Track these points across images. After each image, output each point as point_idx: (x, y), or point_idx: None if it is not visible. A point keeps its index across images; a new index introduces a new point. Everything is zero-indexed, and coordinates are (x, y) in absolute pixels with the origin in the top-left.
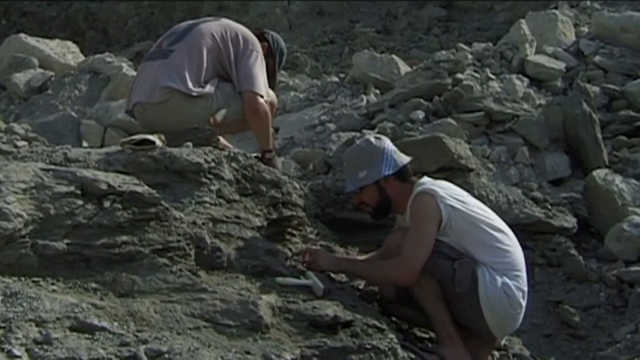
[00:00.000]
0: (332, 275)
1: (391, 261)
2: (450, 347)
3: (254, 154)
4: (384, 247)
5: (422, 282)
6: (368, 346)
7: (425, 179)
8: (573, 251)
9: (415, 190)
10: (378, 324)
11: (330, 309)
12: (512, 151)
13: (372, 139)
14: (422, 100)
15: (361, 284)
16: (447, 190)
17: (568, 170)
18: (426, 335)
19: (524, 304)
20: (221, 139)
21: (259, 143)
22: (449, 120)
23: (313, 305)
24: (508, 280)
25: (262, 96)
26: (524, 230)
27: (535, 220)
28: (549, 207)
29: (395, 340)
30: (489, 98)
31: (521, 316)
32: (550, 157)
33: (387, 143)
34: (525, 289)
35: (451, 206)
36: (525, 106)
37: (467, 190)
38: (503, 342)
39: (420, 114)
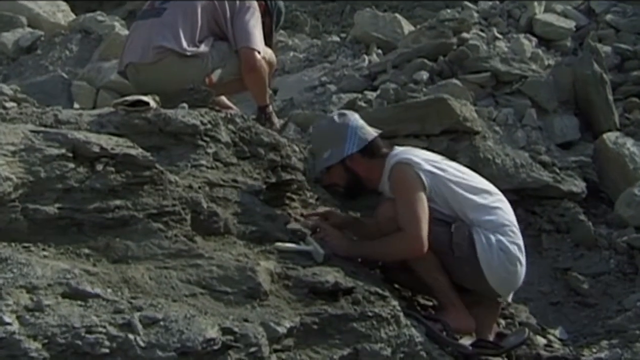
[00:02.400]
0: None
1: (397, 239)
2: (454, 314)
3: (253, 116)
4: (376, 218)
5: (420, 255)
6: (370, 314)
7: (397, 149)
8: (582, 217)
9: (390, 162)
10: (380, 291)
11: (331, 276)
12: (519, 113)
13: (335, 117)
14: (426, 61)
15: None
16: (422, 157)
17: (577, 133)
18: (430, 303)
19: (522, 258)
20: (223, 98)
21: (256, 99)
22: (454, 81)
23: (313, 272)
24: (501, 237)
25: (259, 52)
26: (531, 195)
27: (543, 185)
28: (558, 171)
29: (398, 308)
30: (495, 58)
31: (522, 270)
32: (559, 120)
33: (351, 119)
34: (520, 242)
35: (430, 172)
36: (534, 67)
37: (473, 154)
38: (509, 298)
39: (424, 75)
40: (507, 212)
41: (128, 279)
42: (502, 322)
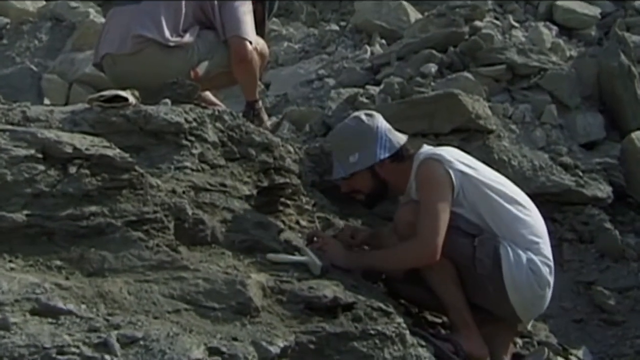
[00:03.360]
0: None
1: (407, 244)
2: (467, 336)
3: (242, 112)
4: (394, 224)
5: (434, 264)
6: (372, 332)
7: (426, 147)
8: (608, 224)
9: (418, 159)
10: (384, 307)
11: (329, 290)
12: (538, 110)
13: (363, 117)
14: (434, 52)
15: None
16: (454, 155)
17: (602, 132)
18: (439, 320)
19: (551, 281)
20: (209, 94)
21: (245, 93)
22: (466, 74)
23: (309, 285)
24: (533, 256)
25: (250, 42)
26: (551, 200)
27: (564, 189)
28: (580, 174)
29: (404, 325)
30: (511, 49)
31: (549, 295)
32: (582, 117)
33: (381, 121)
34: (552, 264)
35: (461, 171)
36: (554, 58)
37: (487, 155)
38: (529, 326)
39: (433, 68)
40: (541, 229)
41: (104, 294)
42: (519, 341)
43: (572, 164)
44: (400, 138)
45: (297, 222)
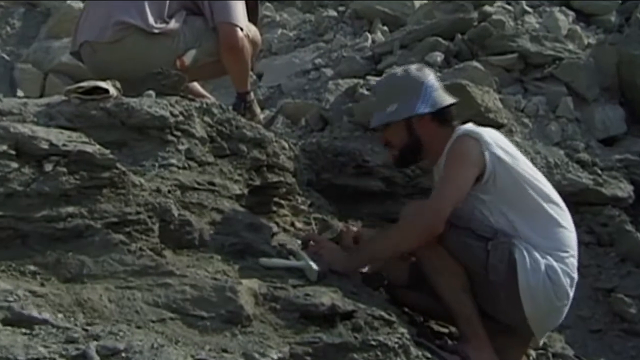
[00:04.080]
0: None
1: (410, 216)
2: (477, 348)
3: (232, 105)
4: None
5: (443, 268)
6: (373, 342)
7: (470, 124)
8: (629, 226)
9: (456, 133)
10: (386, 316)
11: (327, 297)
12: (553, 102)
13: (413, 69)
14: (440, 40)
15: (365, 267)
16: (495, 138)
17: (623, 127)
18: (445, 330)
19: (571, 293)
20: (196, 85)
21: (235, 84)
22: (475, 64)
23: (305, 292)
24: (553, 262)
25: (241, 29)
26: (567, 200)
27: (581, 188)
28: (599, 172)
29: (407, 336)
30: (524, 36)
31: (567, 309)
32: (600, 110)
33: (431, 77)
34: (575, 276)
35: (498, 157)
36: (570, 46)
37: None
38: (541, 342)
39: (439, 57)
40: (570, 237)
41: (83, 302)
42: (533, 353)
43: (590, 161)
44: (447, 100)
45: (292, 224)
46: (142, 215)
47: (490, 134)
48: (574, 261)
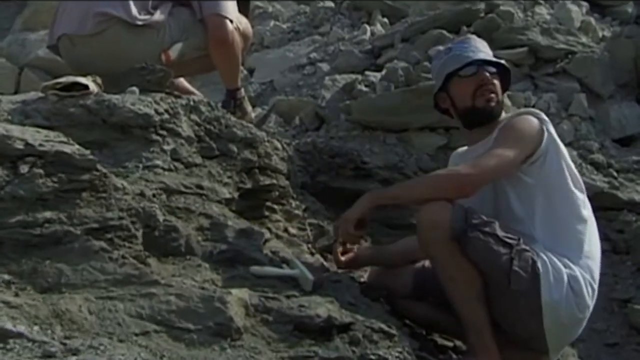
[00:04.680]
0: (326, 264)
1: (447, 171)
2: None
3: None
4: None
5: (459, 276)
6: (372, 357)
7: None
8: None
9: (513, 113)
10: (386, 328)
11: (323, 308)
12: (565, 100)
13: None
14: (445, 32)
15: (363, 276)
16: (551, 126)
17: None
18: (450, 344)
19: (592, 306)
20: (183, 81)
21: (225, 80)
22: None
23: (300, 303)
24: (577, 271)
25: (231, 21)
26: None
27: (595, 192)
28: (615, 174)
29: (409, 350)
30: (534, 29)
31: (585, 322)
32: (616, 108)
33: None
34: (596, 287)
35: (554, 139)
36: (584, 40)
37: None
38: (556, 358)
39: None
40: (596, 247)
41: (61, 313)
42: None
43: (605, 163)
44: None
45: (286, 230)
46: (125, 220)
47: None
48: (597, 271)
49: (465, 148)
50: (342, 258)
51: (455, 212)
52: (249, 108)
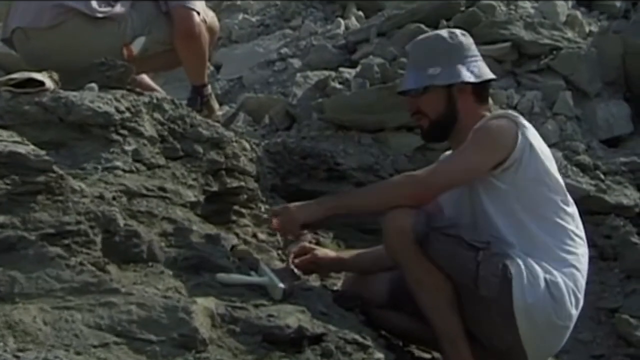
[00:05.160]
0: (297, 271)
1: (405, 174)
2: None
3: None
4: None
5: (427, 282)
6: None
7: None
8: (635, 238)
9: (488, 115)
10: (360, 339)
11: (293, 318)
12: (549, 98)
13: (459, 33)
14: (423, 26)
15: (337, 284)
16: (531, 129)
17: (629, 126)
18: (427, 355)
19: (575, 315)
20: (145, 77)
21: (191, 76)
22: None
23: (269, 313)
24: (558, 278)
25: (197, 13)
26: None
27: (582, 195)
28: (602, 176)
29: None
30: (517, 23)
31: (568, 332)
32: (603, 107)
33: (474, 46)
34: (581, 297)
35: (530, 144)
36: (570, 35)
37: None
38: None
39: None
40: (584, 253)
41: (14, 324)
42: None
43: (592, 164)
44: (489, 73)
45: (254, 235)
46: (83, 225)
47: (528, 124)
48: (582, 281)
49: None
50: (295, 259)
51: (417, 215)
52: (216, 106)
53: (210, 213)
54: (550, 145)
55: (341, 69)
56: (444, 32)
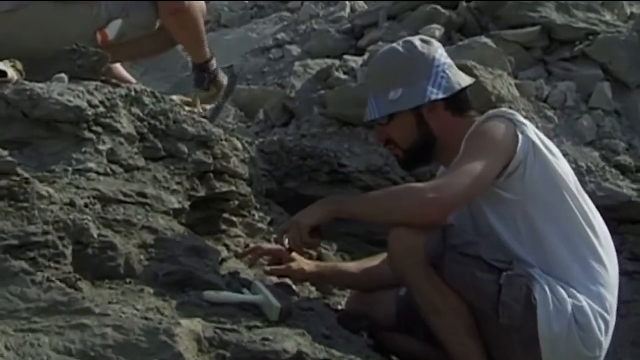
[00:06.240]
0: (295, 287)
1: (413, 184)
2: None
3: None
4: (388, 249)
5: (443, 307)
6: None
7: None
8: None
9: (480, 119)
10: None
11: (292, 342)
12: (585, 90)
13: (418, 42)
14: (440, 9)
15: (341, 303)
16: (531, 126)
17: None
18: None
19: (605, 342)
20: (121, 67)
21: (191, 53)
22: (484, 40)
23: (264, 336)
24: (583, 302)
25: None
26: (604, 216)
27: (622, 201)
28: None
29: None
30: (548, 4)
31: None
32: None
33: (440, 52)
34: (612, 318)
35: (534, 143)
36: (608, 18)
37: None
38: None
39: (438, 31)
40: (611, 273)
41: None
42: None
43: (634, 166)
44: (464, 80)
45: (247, 247)
46: (51, 236)
47: (525, 120)
48: (612, 300)
49: None
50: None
51: (431, 231)
52: (224, 81)
53: (196, 222)
54: (587, 144)
55: (346, 57)
56: (401, 46)
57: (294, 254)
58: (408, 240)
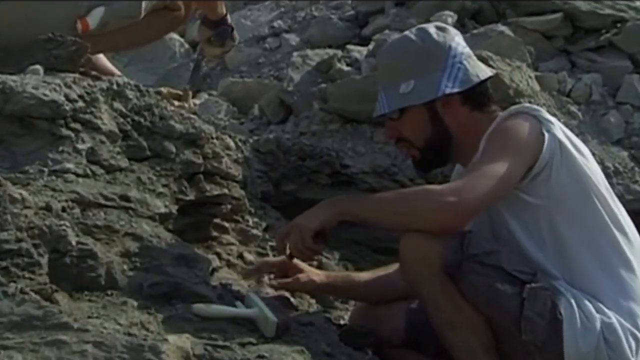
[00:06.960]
0: (293, 300)
1: (431, 187)
2: None
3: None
4: (399, 258)
5: (459, 322)
6: None
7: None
8: None
9: (503, 115)
10: None
11: None
12: (612, 83)
13: (432, 30)
14: None
15: (344, 316)
16: (557, 124)
17: None
18: None
19: None
20: (102, 57)
21: (208, 9)
22: (501, 28)
23: (259, 354)
24: (613, 318)
25: None
26: (633, 220)
27: None
28: None
29: None
30: None
31: None
32: None
33: (458, 40)
34: None
35: (561, 142)
36: (638, 3)
37: None
38: None
39: (450, 18)
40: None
41: None
42: None
43: None
44: (483, 71)
45: (240, 256)
46: (25, 243)
47: (551, 117)
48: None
49: None
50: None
51: (448, 238)
52: (237, 36)
53: (185, 228)
54: (614, 142)
55: (349, 46)
56: (414, 35)
57: (300, 264)
58: (423, 249)
